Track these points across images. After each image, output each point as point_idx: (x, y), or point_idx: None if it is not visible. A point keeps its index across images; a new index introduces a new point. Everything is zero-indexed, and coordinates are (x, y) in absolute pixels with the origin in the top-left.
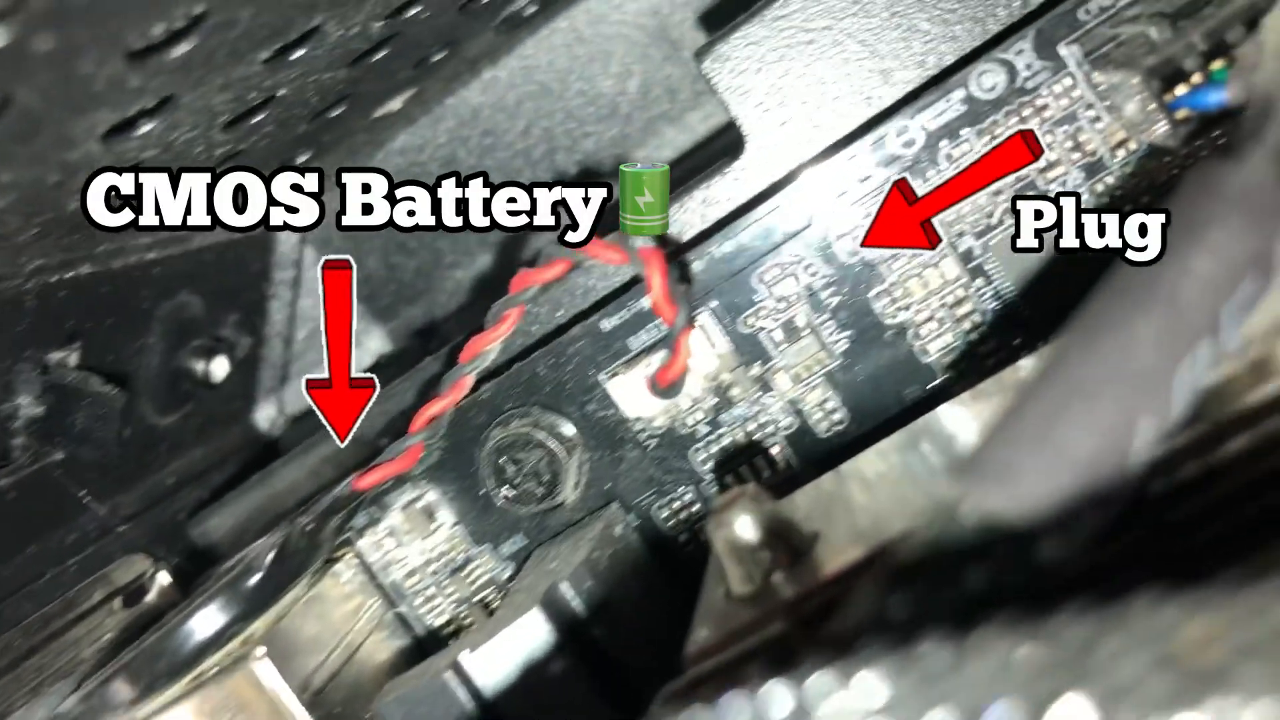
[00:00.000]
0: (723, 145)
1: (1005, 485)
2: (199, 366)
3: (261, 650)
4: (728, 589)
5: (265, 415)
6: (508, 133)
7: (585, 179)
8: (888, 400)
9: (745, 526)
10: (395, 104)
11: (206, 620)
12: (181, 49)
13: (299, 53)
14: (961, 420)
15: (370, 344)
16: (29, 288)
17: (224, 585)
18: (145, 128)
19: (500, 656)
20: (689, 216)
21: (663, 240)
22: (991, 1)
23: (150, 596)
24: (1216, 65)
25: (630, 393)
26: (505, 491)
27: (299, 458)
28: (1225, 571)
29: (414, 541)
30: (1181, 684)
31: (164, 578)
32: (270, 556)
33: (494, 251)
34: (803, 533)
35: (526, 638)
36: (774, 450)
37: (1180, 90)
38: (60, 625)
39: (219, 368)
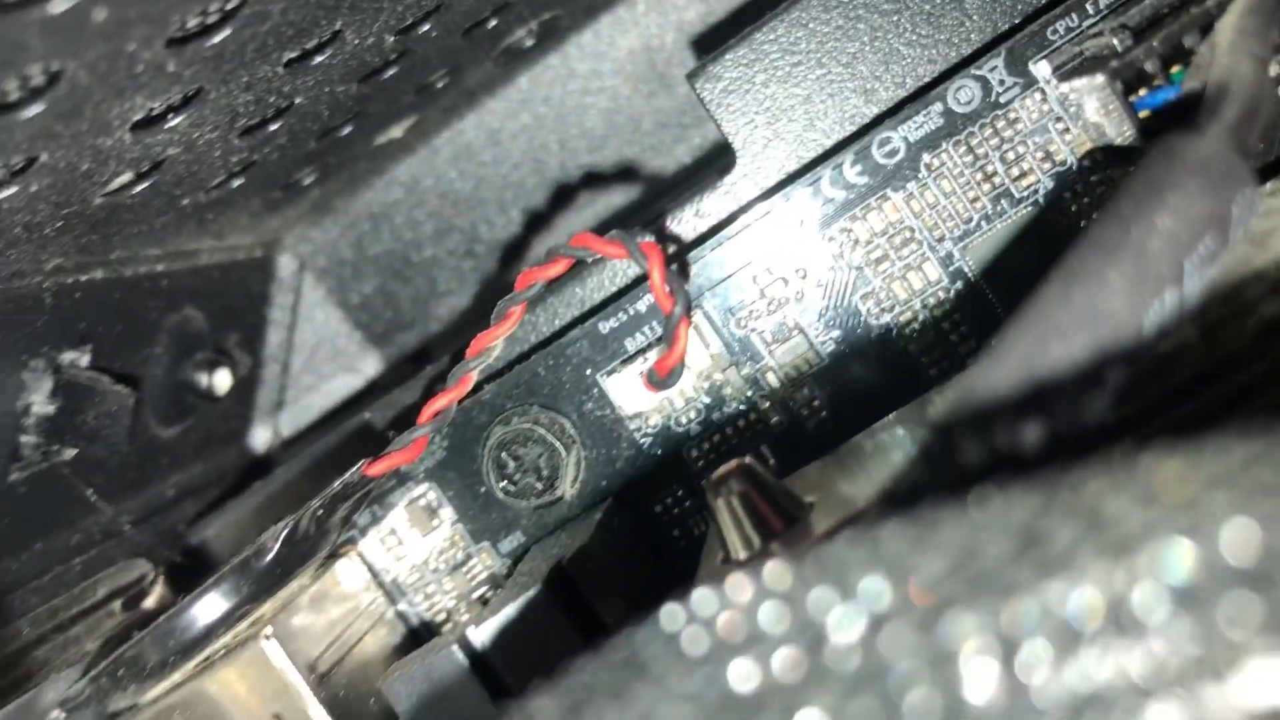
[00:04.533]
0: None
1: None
2: (202, 379)
3: (270, 630)
4: (726, 554)
5: (261, 437)
6: (502, 164)
7: (574, 208)
8: (874, 398)
9: (744, 492)
10: (397, 131)
11: (216, 601)
12: (216, 38)
13: (319, 59)
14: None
15: (365, 368)
16: (47, 286)
17: (234, 567)
18: (173, 121)
19: (505, 631)
20: (683, 228)
21: (661, 239)
22: (964, 26)
23: (149, 601)
24: (1175, 69)
25: (627, 390)
26: (505, 485)
27: (299, 464)
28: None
29: (416, 539)
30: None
31: (162, 584)
32: (280, 539)
33: (487, 281)
34: (800, 500)
35: (531, 613)
36: (763, 448)
37: (1143, 92)
38: (65, 619)
39: (222, 380)
